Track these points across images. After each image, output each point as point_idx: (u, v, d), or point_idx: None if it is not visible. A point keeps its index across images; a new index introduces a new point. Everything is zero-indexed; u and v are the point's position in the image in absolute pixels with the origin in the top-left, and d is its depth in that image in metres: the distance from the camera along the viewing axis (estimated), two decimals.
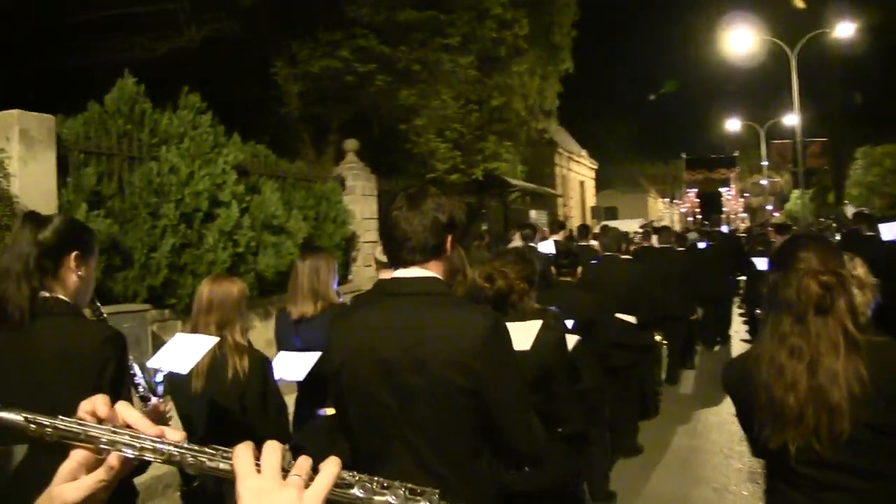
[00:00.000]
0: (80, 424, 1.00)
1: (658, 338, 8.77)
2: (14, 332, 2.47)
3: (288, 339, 4.47)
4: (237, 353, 3.56)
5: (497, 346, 2.26)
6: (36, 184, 8.31)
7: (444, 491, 1.55)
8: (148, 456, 1.00)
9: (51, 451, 1.02)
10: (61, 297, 2.56)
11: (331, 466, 0.98)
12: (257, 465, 0.98)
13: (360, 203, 14.30)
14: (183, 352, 3.42)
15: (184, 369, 3.37)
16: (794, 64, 26.80)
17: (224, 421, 3.51)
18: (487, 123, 19.50)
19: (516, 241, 12.10)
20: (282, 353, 4.42)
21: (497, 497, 2.40)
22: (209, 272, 9.84)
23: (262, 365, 3.62)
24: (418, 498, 1.01)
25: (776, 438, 2.36)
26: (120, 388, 2.50)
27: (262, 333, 11.10)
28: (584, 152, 44.45)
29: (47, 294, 2.54)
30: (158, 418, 2.80)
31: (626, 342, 7.36)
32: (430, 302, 2.31)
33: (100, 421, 1.03)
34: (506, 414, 2.27)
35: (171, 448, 1.01)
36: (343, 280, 13.48)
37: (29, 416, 0.99)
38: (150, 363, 3.51)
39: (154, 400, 2.94)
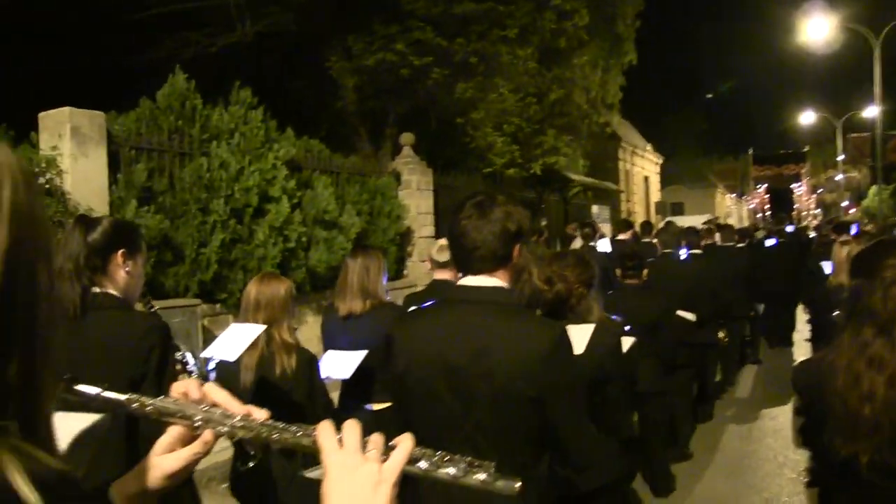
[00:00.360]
0: (176, 403, 1.11)
1: (721, 335, 8.49)
2: (69, 325, 2.63)
3: (335, 336, 4.47)
4: (285, 352, 3.59)
5: (561, 359, 2.28)
6: (87, 180, 8.32)
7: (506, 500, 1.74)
8: (239, 432, 1.09)
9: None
10: (111, 291, 2.75)
11: (406, 442, 1.07)
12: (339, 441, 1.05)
13: (416, 198, 14.12)
14: (232, 341, 3.53)
15: (231, 357, 3.46)
16: (877, 53, 25.56)
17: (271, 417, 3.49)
18: (548, 117, 19.13)
19: (577, 242, 11.76)
20: (330, 351, 4.42)
21: (555, 500, 2.48)
22: (259, 268, 9.78)
23: (310, 363, 3.65)
24: (477, 470, 1.08)
25: (847, 448, 2.32)
26: (164, 374, 2.64)
27: (314, 329, 10.94)
28: (648, 146, 43.57)
29: (98, 290, 2.73)
30: None
31: (687, 340, 7.15)
32: (497, 311, 2.34)
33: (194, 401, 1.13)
34: (563, 424, 2.30)
35: (260, 425, 1.10)
36: (398, 276, 13.34)
37: (132, 396, 1.10)
38: (203, 353, 3.65)
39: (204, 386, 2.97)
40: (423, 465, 1.09)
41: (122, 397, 1.12)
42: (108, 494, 1.05)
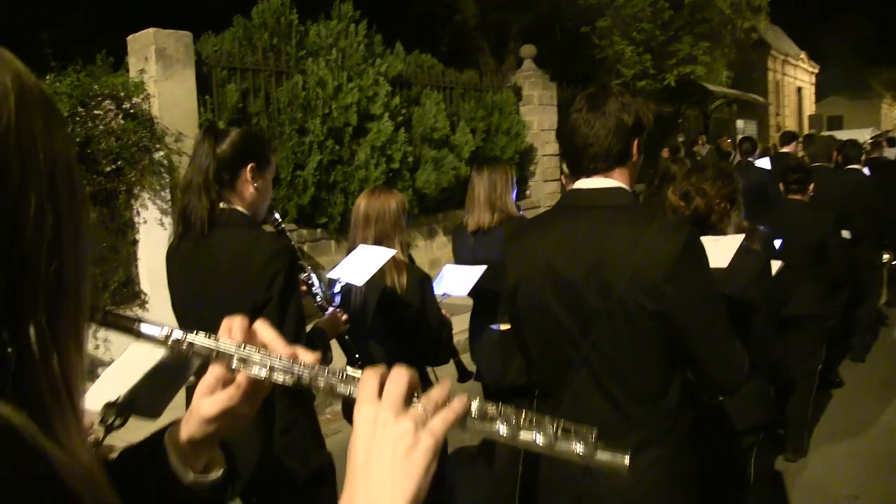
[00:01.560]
0: (213, 342, 1.01)
1: (886, 257, 7.78)
2: (196, 242, 2.61)
3: (464, 252, 4.42)
4: (395, 269, 3.48)
5: (691, 266, 2.04)
6: (175, 104, 8.03)
7: (631, 427, 1.96)
8: (277, 376, 0.99)
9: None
10: (239, 208, 2.63)
11: (456, 404, 0.89)
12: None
13: (538, 113, 13.30)
14: (360, 264, 3.42)
15: (359, 281, 3.32)
16: None
17: (378, 334, 3.51)
18: (687, 24, 17.60)
19: (702, 150, 10.63)
20: (447, 266, 4.34)
21: (690, 437, 2.20)
22: (361, 190, 9.36)
23: (421, 282, 3.52)
24: (571, 437, 0.91)
25: None
26: (288, 299, 2.53)
27: (424, 253, 10.58)
28: (802, 55, 40.16)
29: (225, 205, 2.62)
30: (334, 326, 2.94)
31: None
32: (614, 215, 2.14)
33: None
34: (700, 340, 2.07)
35: (301, 369, 0.98)
36: (520, 196, 12.66)
37: (168, 331, 1.00)
38: (330, 274, 3.51)
39: (331, 309, 3.00)
40: (500, 427, 0.91)
41: (157, 332, 1.00)
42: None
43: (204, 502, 1.08)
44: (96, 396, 2.04)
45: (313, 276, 3.07)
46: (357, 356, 3.17)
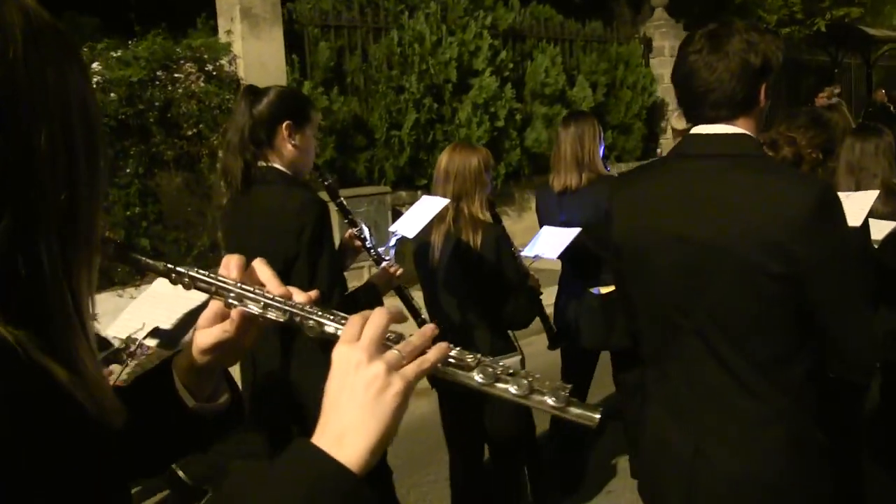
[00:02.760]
0: (212, 278, 1.05)
1: None
2: (236, 199, 2.70)
3: (550, 213, 4.21)
4: (471, 227, 3.39)
5: (826, 224, 1.82)
6: (262, 65, 7.74)
7: (751, 400, 1.87)
8: (270, 313, 1.02)
9: None
10: (276, 166, 2.68)
11: (433, 352, 0.93)
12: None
13: (670, 66, 12.18)
14: (416, 215, 3.42)
15: (410, 233, 3.33)
16: None
17: (454, 296, 3.48)
18: None
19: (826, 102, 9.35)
20: (545, 227, 4.15)
21: (819, 416, 1.99)
22: None
23: (497, 240, 3.42)
24: (544, 392, 0.93)
25: None
26: (319, 251, 2.55)
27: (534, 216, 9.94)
28: None
29: (264, 164, 2.68)
30: (387, 281, 2.97)
31: None
32: (737, 165, 1.91)
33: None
34: (834, 309, 1.85)
35: (293, 308, 1.02)
36: (645, 155, 11.75)
37: (169, 265, 1.05)
38: (391, 227, 3.57)
39: (384, 263, 3.03)
40: (476, 376, 0.93)
41: (159, 265, 1.06)
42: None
43: (212, 428, 1.14)
44: (121, 326, 2.33)
45: (365, 229, 3.07)
46: (419, 310, 3.17)
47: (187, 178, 7.42)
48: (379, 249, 3.10)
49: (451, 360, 0.95)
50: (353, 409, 0.87)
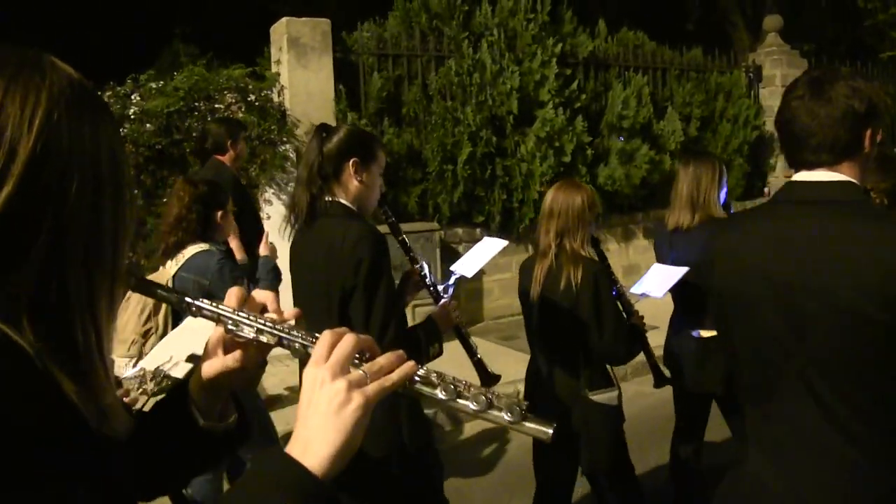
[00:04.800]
0: (214, 306, 1.14)
1: None
2: (302, 232, 2.81)
3: (661, 250, 4.30)
4: (572, 263, 3.48)
5: None
6: (309, 94, 7.56)
7: (851, 445, 1.83)
8: (262, 337, 1.12)
9: None
10: (342, 200, 2.77)
11: (396, 374, 1.03)
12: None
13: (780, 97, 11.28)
14: (476, 255, 3.56)
15: (469, 272, 3.48)
16: None
17: (551, 331, 3.59)
18: None
19: None
20: (655, 265, 4.23)
21: None
22: (525, 185, 8.35)
23: (595, 277, 3.51)
24: (501, 407, 1.03)
25: None
26: (376, 285, 2.60)
27: (618, 258, 9.30)
28: None
29: (329, 198, 2.77)
30: (446, 319, 2.98)
31: None
32: (840, 212, 1.91)
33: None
34: None
35: (281, 332, 1.12)
36: (749, 195, 10.82)
37: (181, 295, 1.16)
38: (452, 266, 3.64)
39: (442, 301, 3.05)
40: (439, 393, 1.05)
41: (173, 296, 1.18)
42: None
43: (221, 447, 1.25)
44: (152, 359, 2.60)
45: (426, 267, 3.14)
46: (475, 348, 3.17)
47: None
48: (438, 287, 3.12)
49: (417, 379, 1.05)
50: (317, 422, 0.98)
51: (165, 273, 3.73)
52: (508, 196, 8.39)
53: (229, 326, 1.14)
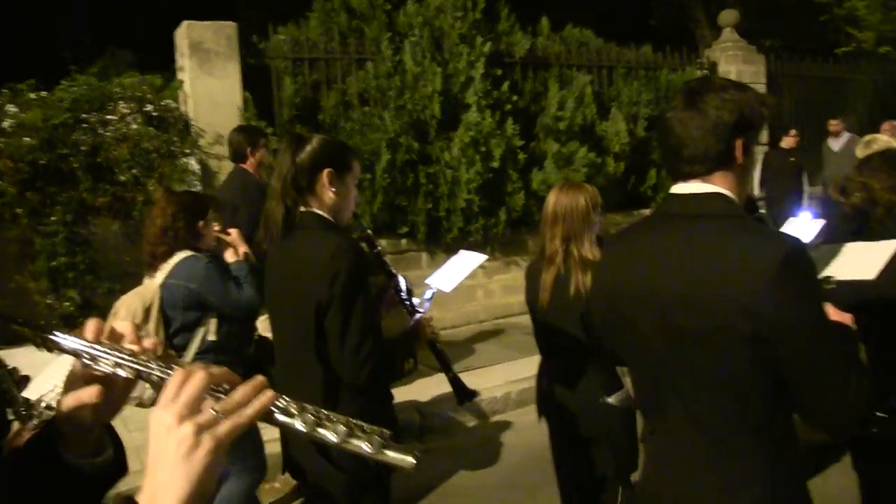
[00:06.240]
0: (72, 340, 1.11)
1: None
2: (279, 244, 2.74)
3: None
4: (581, 269, 3.42)
5: (792, 284, 1.78)
6: (214, 103, 7.14)
7: (729, 460, 1.87)
8: (122, 371, 1.08)
9: None
10: (317, 211, 2.72)
11: (253, 406, 0.99)
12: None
13: None
14: (454, 269, 3.51)
15: (447, 287, 3.43)
16: None
17: (563, 337, 3.50)
18: None
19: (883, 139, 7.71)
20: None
21: (802, 473, 2.03)
22: (451, 193, 7.91)
23: None
24: (361, 437, 1.02)
25: None
26: (352, 299, 2.55)
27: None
28: None
29: (304, 209, 2.72)
30: (421, 334, 2.94)
31: None
32: (709, 226, 1.92)
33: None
34: (802, 372, 1.82)
35: (139, 366, 1.08)
36: None
37: (35, 330, 1.12)
38: (427, 280, 3.61)
39: (418, 316, 3.01)
40: (298, 425, 1.01)
41: (27, 331, 1.14)
42: None
43: (93, 484, 1.19)
44: (35, 389, 2.49)
45: (402, 281, 3.13)
46: (449, 363, 3.12)
47: (123, 226, 6.88)
48: (414, 301, 3.10)
49: (275, 410, 1.02)
50: (165, 470, 0.94)
51: (152, 284, 3.77)
52: (434, 205, 7.95)
53: (85, 360, 1.11)
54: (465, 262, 3.55)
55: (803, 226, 4.06)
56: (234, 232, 4.10)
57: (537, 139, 8.72)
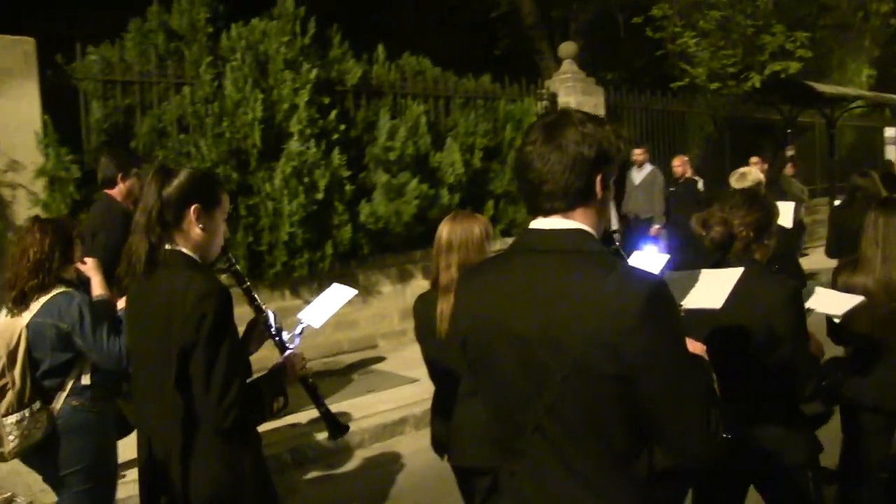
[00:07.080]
0: None
1: None
2: (141, 282, 2.65)
3: None
4: None
5: (655, 323, 1.79)
6: (7, 127, 6.60)
7: (595, 499, 1.88)
8: None
9: None
10: (182, 249, 2.66)
11: None
12: None
13: None
14: (324, 304, 3.47)
15: (316, 323, 3.41)
16: None
17: (462, 365, 3.38)
18: (811, 15, 14.38)
19: (754, 171, 7.94)
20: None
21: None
22: (274, 226, 7.63)
23: None
24: None
25: None
26: (218, 341, 2.49)
27: (393, 301, 8.71)
28: None
29: (169, 247, 2.65)
30: (291, 370, 2.90)
31: None
32: (570, 263, 1.92)
33: None
34: (665, 406, 1.85)
35: None
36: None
37: None
38: (299, 314, 3.52)
39: (288, 352, 2.96)
40: None
41: None
42: None
43: None
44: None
45: (271, 316, 3.05)
46: (321, 398, 3.08)
47: None
48: (284, 336, 3.04)
49: None
50: None
51: (15, 323, 3.53)
52: (256, 238, 7.65)
53: None
54: (336, 297, 3.47)
55: (649, 259, 4.11)
56: (90, 261, 3.92)
57: (367, 170, 8.54)
